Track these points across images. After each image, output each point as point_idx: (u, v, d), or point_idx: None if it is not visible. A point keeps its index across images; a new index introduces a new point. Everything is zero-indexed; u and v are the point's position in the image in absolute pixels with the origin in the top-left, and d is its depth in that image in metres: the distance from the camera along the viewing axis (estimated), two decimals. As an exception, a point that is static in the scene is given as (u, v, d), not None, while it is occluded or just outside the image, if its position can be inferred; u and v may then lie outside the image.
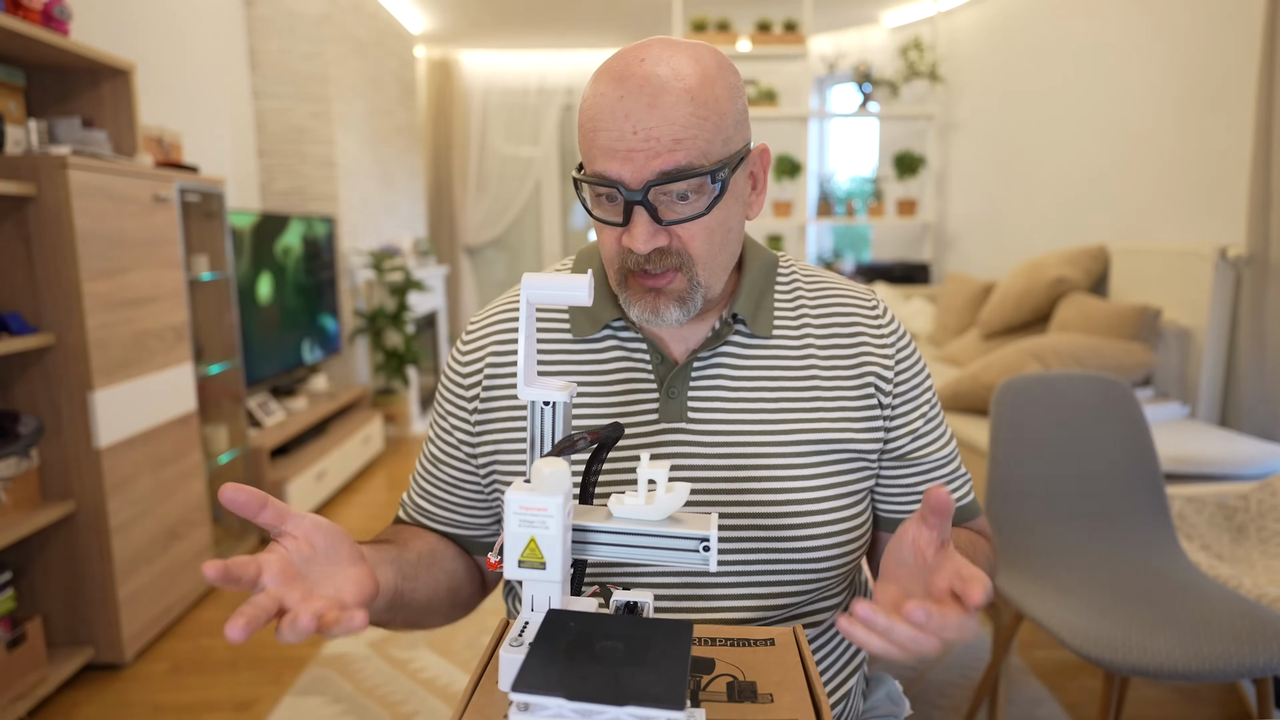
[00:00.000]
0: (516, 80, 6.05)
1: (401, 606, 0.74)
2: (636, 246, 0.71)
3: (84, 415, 2.06)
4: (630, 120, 0.68)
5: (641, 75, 0.69)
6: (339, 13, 4.02)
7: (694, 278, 0.74)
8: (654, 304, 0.74)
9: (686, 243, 0.72)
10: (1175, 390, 2.73)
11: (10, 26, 1.90)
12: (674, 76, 0.69)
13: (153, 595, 2.30)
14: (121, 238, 2.19)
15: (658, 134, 0.68)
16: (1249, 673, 1.28)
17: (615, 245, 0.74)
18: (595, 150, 0.71)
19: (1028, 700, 1.94)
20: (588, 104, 0.72)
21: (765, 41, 4.51)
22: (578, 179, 0.74)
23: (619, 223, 0.72)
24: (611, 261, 0.76)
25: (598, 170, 0.71)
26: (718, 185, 0.71)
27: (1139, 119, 3.21)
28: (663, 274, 0.73)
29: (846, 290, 0.86)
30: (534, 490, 0.54)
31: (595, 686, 0.46)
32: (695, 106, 0.69)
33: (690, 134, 0.68)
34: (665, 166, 0.68)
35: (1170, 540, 1.67)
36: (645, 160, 0.68)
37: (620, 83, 0.69)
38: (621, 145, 0.69)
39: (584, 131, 0.72)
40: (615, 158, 0.69)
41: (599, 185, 0.71)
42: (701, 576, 0.77)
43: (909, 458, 0.83)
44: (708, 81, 0.70)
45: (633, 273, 0.74)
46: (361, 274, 4.27)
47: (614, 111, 0.69)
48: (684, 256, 0.73)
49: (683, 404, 0.79)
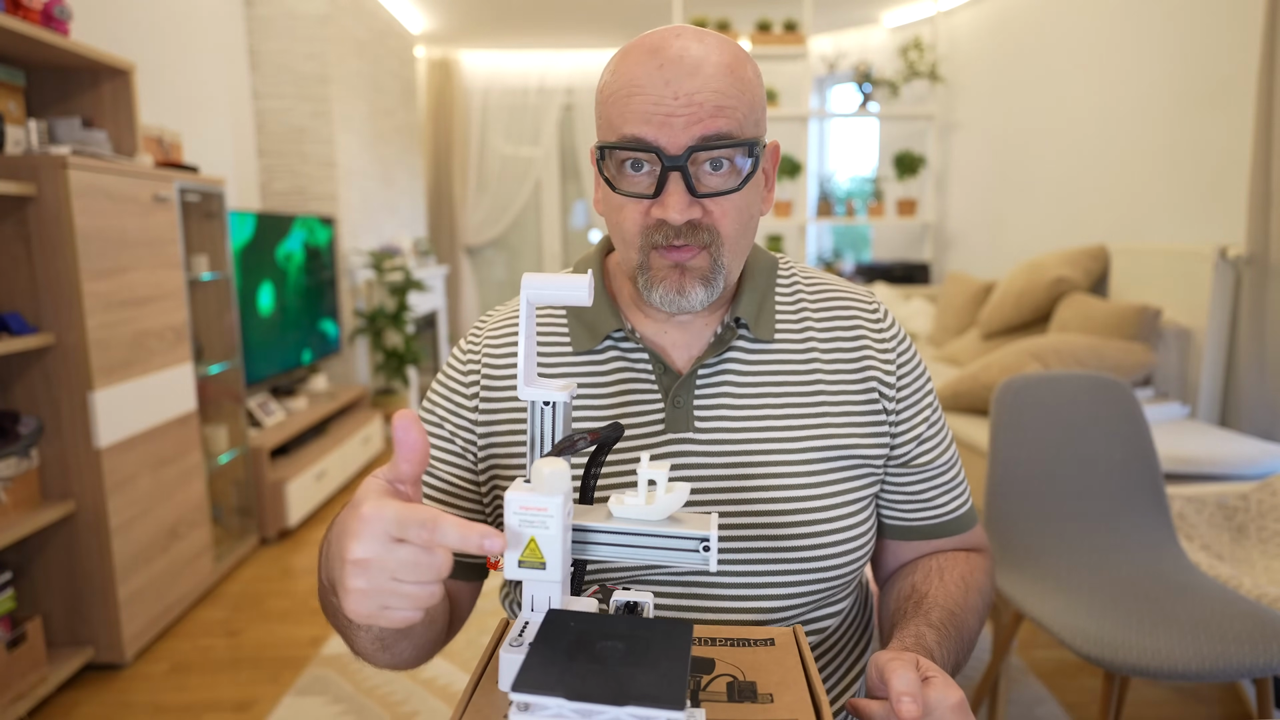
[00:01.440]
0: (516, 80, 6.05)
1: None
2: (670, 216, 0.68)
3: (84, 415, 2.06)
4: (671, 86, 0.67)
5: (679, 48, 0.69)
6: (339, 13, 4.02)
7: (719, 258, 0.72)
8: (679, 282, 0.72)
9: (718, 219, 0.71)
10: (1175, 390, 2.73)
11: (10, 26, 1.90)
12: (712, 51, 0.69)
13: (153, 595, 2.30)
14: (121, 238, 2.19)
15: (700, 99, 0.67)
16: (1249, 673, 1.28)
17: (641, 220, 0.71)
18: (630, 115, 0.68)
19: (1028, 700, 1.94)
20: (619, 74, 0.70)
21: (765, 41, 4.51)
22: (605, 147, 0.71)
23: (648, 195, 0.70)
24: (634, 241, 0.72)
25: (632, 134, 0.69)
26: (750, 161, 0.71)
27: (1139, 119, 3.21)
28: (687, 247, 0.71)
29: (848, 292, 0.85)
30: (534, 490, 0.54)
31: (595, 686, 0.46)
32: (734, 79, 0.69)
33: (731, 103, 0.68)
34: (707, 131, 0.68)
35: (1170, 540, 1.67)
36: (686, 125, 0.67)
37: (657, 53, 0.69)
38: (660, 110, 0.67)
39: (615, 99, 0.70)
40: (652, 122, 0.68)
41: (635, 150, 0.69)
42: (703, 578, 0.76)
43: (913, 464, 0.82)
44: (741, 61, 0.71)
45: (657, 248, 0.71)
46: (361, 274, 4.27)
47: (653, 78, 0.68)
48: (714, 233, 0.71)
49: (689, 413, 0.78)
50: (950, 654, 0.73)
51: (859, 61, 4.76)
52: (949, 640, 0.74)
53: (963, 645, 0.77)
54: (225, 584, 2.72)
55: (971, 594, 0.81)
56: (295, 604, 2.56)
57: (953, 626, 0.76)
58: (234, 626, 2.43)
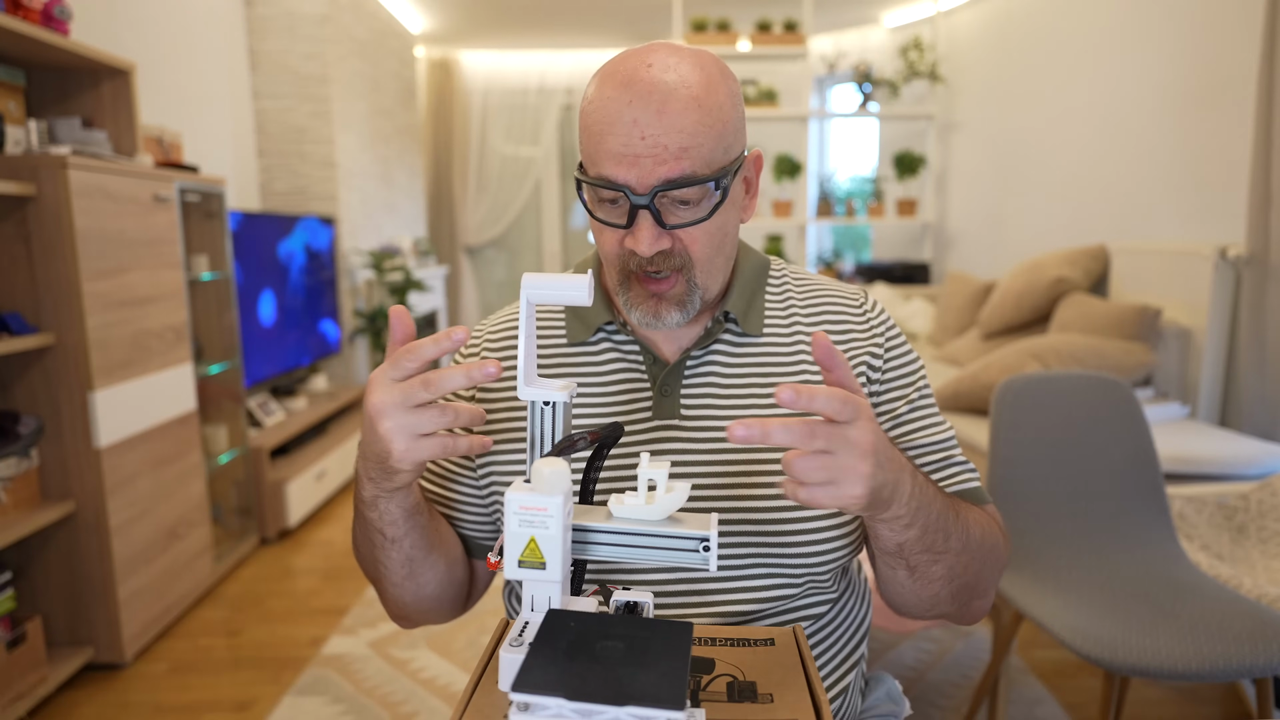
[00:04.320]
0: (516, 80, 6.05)
1: (416, 526, 0.75)
2: (640, 249, 0.72)
3: (84, 415, 2.06)
4: (638, 126, 0.69)
5: (649, 81, 0.70)
6: (339, 13, 4.02)
7: (693, 279, 0.76)
8: (655, 308, 0.76)
9: (688, 245, 0.74)
10: (1175, 390, 2.73)
11: (10, 26, 1.90)
12: (680, 84, 0.70)
13: (153, 595, 2.30)
14: (121, 238, 2.19)
15: (665, 141, 0.69)
16: (1249, 673, 1.28)
17: (617, 247, 0.75)
18: (601, 154, 0.71)
19: (1028, 700, 1.94)
20: (593, 106, 0.72)
21: (765, 41, 4.51)
22: (581, 180, 0.75)
23: (622, 225, 0.73)
24: (612, 263, 0.77)
25: (603, 174, 0.72)
26: (719, 192, 0.73)
27: (1139, 119, 3.21)
28: (664, 279, 0.75)
29: (836, 291, 0.87)
30: (534, 490, 0.54)
31: (595, 686, 0.46)
32: (701, 114, 0.70)
33: (696, 142, 0.70)
34: (671, 174, 0.70)
35: (1170, 540, 1.67)
36: (652, 166, 0.70)
37: (627, 87, 0.70)
38: (629, 151, 0.70)
39: (589, 134, 0.73)
40: (622, 163, 0.70)
41: (605, 188, 0.72)
42: (700, 573, 0.77)
43: (897, 443, 0.82)
44: (712, 89, 0.71)
45: (635, 276, 0.76)
46: (361, 274, 4.27)
47: (621, 117, 0.70)
48: (685, 258, 0.75)
49: (676, 401, 0.80)
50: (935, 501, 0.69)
51: (859, 61, 4.76)
52: (939, 496, 0.70)
53: (948, 518, 0.71)
54: (225, 584, 2.72)
55: (988, 533, 0.78)
56: (295, 604, 2.56)
57: (951, 502, 0.73)
58: (234, 626, 2.43)
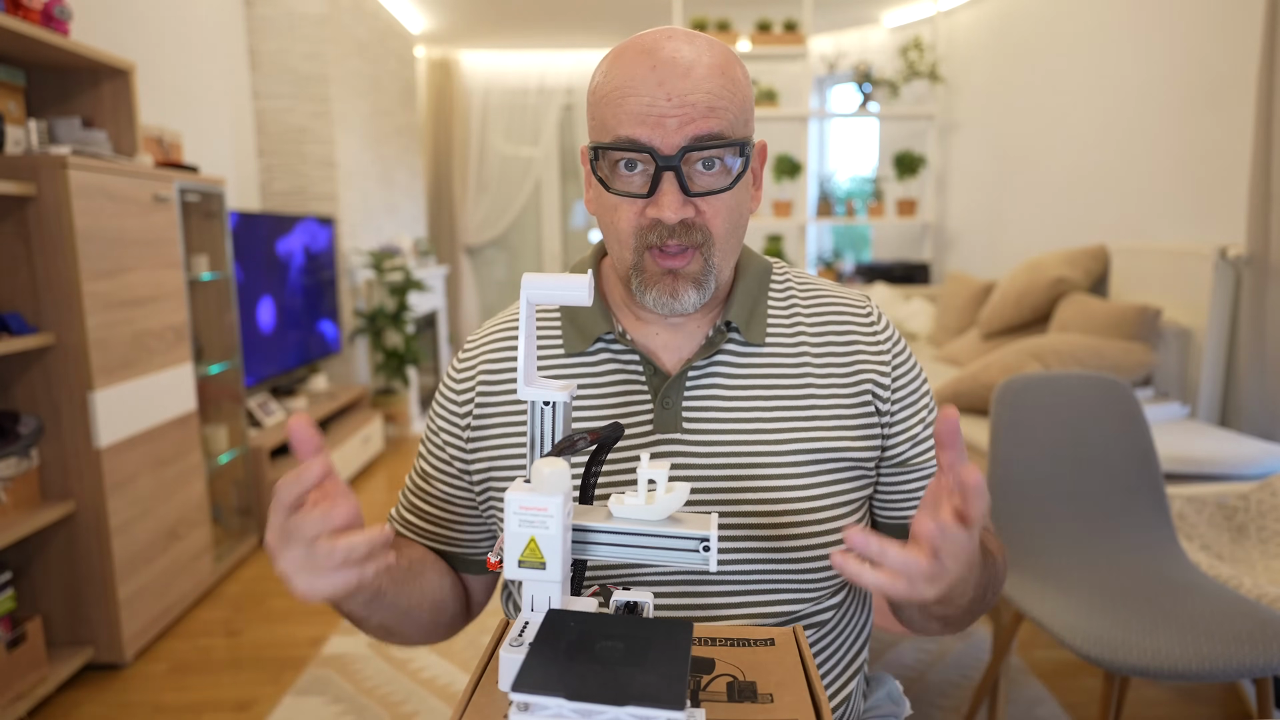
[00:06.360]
0: (516, 80, 6.05)
1: (381, 605, 0.72)
2: (665, 215, 0.70)
3: (84, 415, 2.06)
4: (664, 87, 0.69)
5: (671, 49, 0.70)
6: (339, 13, 4.02)
7: (710, 258, 0.74)
8: (672, 286, 0.73)
9: (710, 219, 0.72)
10: (1175, 390, 2.73)
11: (10, 26, 1.90)
12: (702, 53, 0.71)
13: (153, 595, 2.30)
14: (121, 238, 2.19)
15: (693, 100, 0.69)
16: (1249, 673, 1.28)
17: (635, 219, 0.73)
18: (624, 116, 0.70)
19: (1028, 700, 1.94)
20: (611, 76, 0.72)
21: (765, 41, 4.51)
22: (599, 147, 0.72)
23: (643, 195, 0.71)
24: (628, 241, 0.74)
25: (626, 135, 0.70)
26: (740, 161, 0.72)
27: (1139, 119, 3.21)
28: (682, 253, 0.72)
29: (841, 297, 0.85)
30: (534, 490, 0.54)
31: (595, 686, 0.46)
32: (725, 80, 0.71)
33: (723, 103, 0.70)
34: (700, 132, 0.69)
35: (1170, 540, 1.67)
36: (679, 125, 0.69)
37: (650, 54, 0.70)
38: (654, 111, 0.69)
39: (608, 100, 0.71)
40: (646, 123, 0.69)
41: (629, 151, 0.70)
42: (702, 577, 0.77)
43: (909, 464, 0.83)
44: (731, 63, 0.73)
45: (651, 250, 0.73)
46: (361, 274, 4.27)
47: (646, 79, 0.69)
48: (705, 233, 0.73)
49: (677, 414, 0.78)
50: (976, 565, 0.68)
51: (859, 61, 4.76)
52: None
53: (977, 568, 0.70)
54: (225, 584, 2.72)
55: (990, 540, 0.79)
56: (295, 604, 2.56)
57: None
58: (234, 626, 2.43)
